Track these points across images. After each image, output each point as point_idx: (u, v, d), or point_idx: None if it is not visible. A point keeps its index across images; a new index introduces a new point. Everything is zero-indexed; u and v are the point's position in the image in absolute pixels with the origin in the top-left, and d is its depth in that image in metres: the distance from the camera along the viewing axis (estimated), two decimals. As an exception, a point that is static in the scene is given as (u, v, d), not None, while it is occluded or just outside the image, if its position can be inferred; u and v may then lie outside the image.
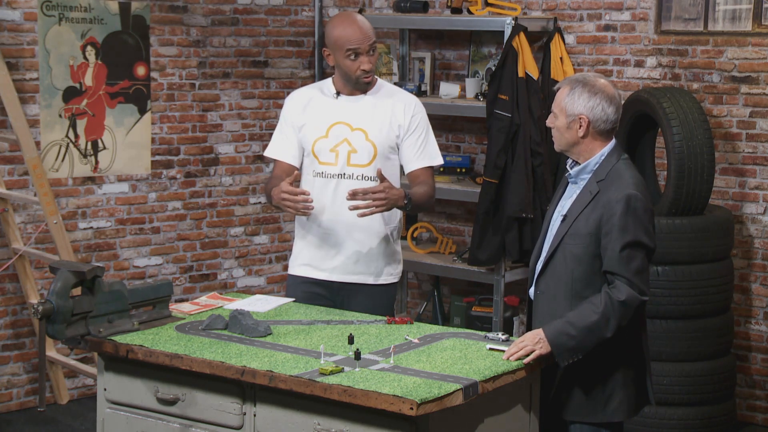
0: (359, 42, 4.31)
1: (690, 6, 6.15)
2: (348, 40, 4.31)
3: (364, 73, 4.36)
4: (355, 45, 4.31)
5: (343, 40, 4.32)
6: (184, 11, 6.56)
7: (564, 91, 3.85)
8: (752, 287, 6.07)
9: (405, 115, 4.45)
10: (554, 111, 3.87)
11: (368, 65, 4.34)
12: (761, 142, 5.99)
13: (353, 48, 4.31)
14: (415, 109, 4.48)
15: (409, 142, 4.46)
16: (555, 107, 3.87)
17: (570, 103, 3.82)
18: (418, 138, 4.47)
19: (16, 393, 6.11)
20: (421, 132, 4.48)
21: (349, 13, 4.45)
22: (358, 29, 4.32)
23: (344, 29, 4.33)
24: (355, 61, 4.34)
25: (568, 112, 3.82)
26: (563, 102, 3.83)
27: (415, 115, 4.47)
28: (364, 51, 4.32)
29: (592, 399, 3.81)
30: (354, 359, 3.53)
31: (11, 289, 6.06)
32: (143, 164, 6.46)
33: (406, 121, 4.45)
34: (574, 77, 3.88)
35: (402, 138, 4.46)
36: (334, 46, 4.36)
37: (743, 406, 6.09)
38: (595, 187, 3.80)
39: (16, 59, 5.95)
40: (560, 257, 3.82)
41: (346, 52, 4.33)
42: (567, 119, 3.83)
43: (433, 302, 7.00)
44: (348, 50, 4.32)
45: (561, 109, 3.84)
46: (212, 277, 6.81)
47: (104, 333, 3.76)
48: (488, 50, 6.90)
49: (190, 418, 3.68)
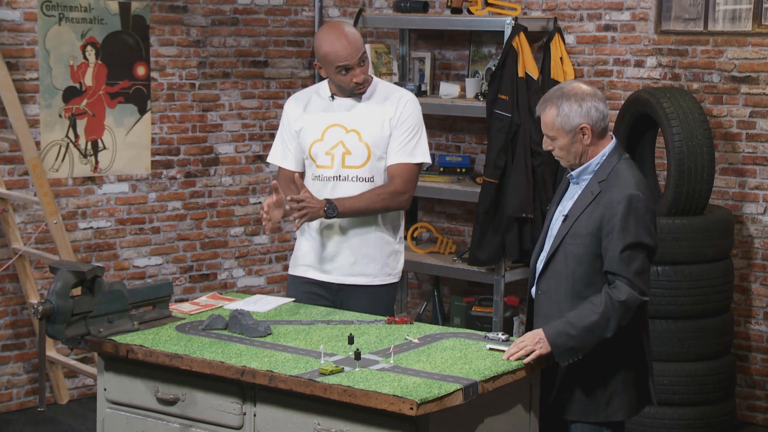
0: (348, 58, 4.28)
1: (690, 6, 6.15)
2: (337, 56, 4.28)
3: (357, 86, 4.35)
4: (345, 62, 4.28)
5: (332, 56, 4.29)
6: (184, 11, 6.56)
7: (551, 113, 3.80)
8: (752, 287, 6.06)
9: (395, 109, 4.39)
10: (548, 135, 3.83)
11: (360, 77, 4.33)
12: (761, 142, 5.99)
13: (343, 65, 4.29)
14: (407, 104, 4.42)
15: (394, 134, 4.39)
16: (548, 131, 3.82)
17: (564, 120, 3.78)
18: (404, 132, 4.40)
19: (16, 393, 6.11)
20: (408, 126, 4.40)
21: (335, 26, 4.38)
22: (346, 44, 4.28)
23: (332, 45, 4.28)
24: (347, 76, 4.32)
25: (567, 129, 3.79)
26: (557, 123, 3.79)
27: (405, 108, 4.40)
28: (354, 65, 4.30)
29: (594, 399, 3.81)
30: (354, 359, 3.53)
31: (11, 289, 6.06)
32: (143, 164, 6.46)
33: (395, 115, 4.39)
34: (549, 96, 3.82)
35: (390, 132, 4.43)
36: (324, 62, 4.34)
37: (743, 406, 6.08)
38: (596, 188, 3.79)
39: (16, 59, 5.95)
40: (561, 257, 3.82)
41: (336, 69, 4.30)
42: (569, 135, 3.80)
43: (433, 302, 7.00)
44: (338, 67, 4.30)
45: (558, 130, 3.80)
46: (212, 277, 6.81)
47: (104, 333, 3.76)
48: (488, 50, 6.90)
49: (190, 418, 3.68)
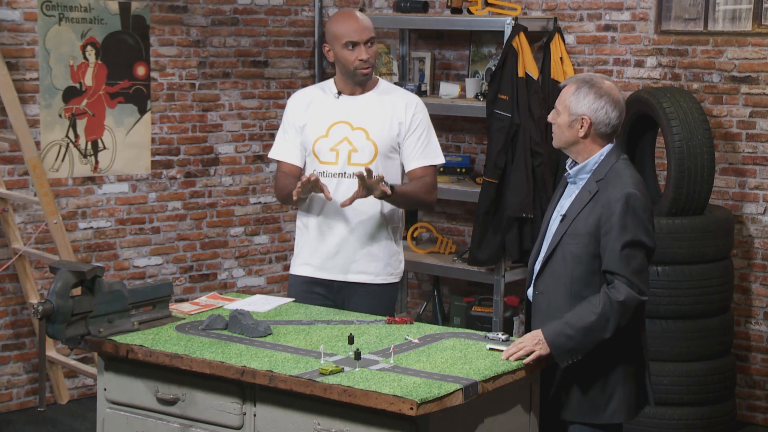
0: (357, 33, 4.37)
1: (690, 6, 6.15)
2: (346, 32, 4.38)
3: (361, 63, 4.39)
4: (354, 37, 4.37)
5: (341, 32, 4.39)
6: (184, 11, 6.56)
7: (570, 89, 3.83)
8: (752, 287, 6.06)
9: (406, 114, 4.46)
10: (557, 107, 3.86)
11: (365, 55, 4.39)
12: (761, 142, 5.99)
13: (351, 40, 4.37)
14: (417, 108, 4.49)
15: (410, 140, 4.47)
16: (559, 104, 3.86)
17: (574, 102, 3.80)
18: (420, 137, 4.47)
19: (16, 393, 6.11)
20: (422, 131, 4.48)
21: (349, 10, 4.55)
22: (356, 22, 4.40)
23: (343, 23, 4.41)
24: (353, 52, 4.39)
25: (571, 111, 3.81)
26: (567, 100, 3.82)
27: (416, 114, 4.48)
28: (362, 42, 4.38)
29: (592, 400, 3.80)
30: (354, 359, 3.53)
31: (11, 289, 6.06)
32: (143, 164, 6.46)
33: (407, 120, 4.46)
34: (581, 76, 3.86)
35: (403, 137, 4.46)
36: (332, 40, 4.42)
37: (743, 406, 6.08)
38: (594, 187, 3.79)
39: (16, 59, 5.95)
40: (559, 257, 3.81)
41: (344, 44, 4.38)
42: (570, 118, 3.82)
43: (433, 302, 7.00)
44: (346, 42, 4.38)
45: (564, 107, 3.83)
46: (212, 277, 6.80)
47: (104, 333, 3.76)
48: (488, 50, 6.90)
49: (190, 418, 3.68)
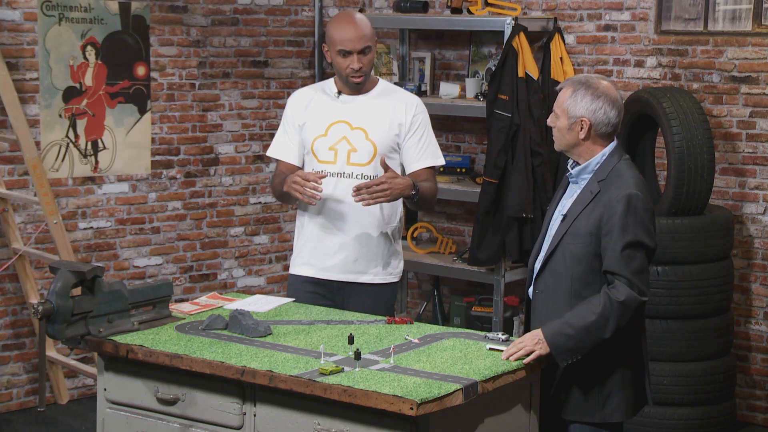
0: (351, 43, 4.36)
1: (690, 6, 6.15)
2: (341, 39, 4.37)
3: (353, 72, 4.40)
4: (347, 47, 4.36)
5: (337, 38, 4.38)
6: (184, 11, 6.56)
7: (566, 92, 3.83)
8: (752, 287, 6.06)
9: (406, 115, 4.46)
10: (556, 111, 3.86)
11: (357, 65, 4.38)
12: (761, 142, 5.99)
13: (344, 48, 4.37)
14: (417, 109, 4.49)
15: (410, 142, 4.47)
16: (557, 107, 3.86)
17: (572, 104, 3.80)
18: (420, 138, 4.47)
19: (16, 393, 6.11)
20: (422, 132, 4.48)
21: (349, 13, 4.49)
22: (353, 30, 4.37)
23: (340, 29, 4.39)
24: (346, 60, 4.39)
25: (569, 114, 3.81)
26: (565, 103, 3.82)
27: (416, 115, 4.48)
28: (355, 51, 4.36)
29: (591, 399, 3.80)
30: (354, 359, 3.53)
31: (11, 289, 6.06)
32: (143, 164, 6.46)
33: (407, 121, 4.46)
34: (577, 78, 3.86)
35: (403, 138, 4.46)
36: (330, 43, 4.43)
37: (743, 406, 6.08)
38: (595, 187, 3.79)
39: (16, 59, 5.95)
40: (560, 257, 3.81)
41: (338, 51, 4.38)
42: (569, 121, 3.81)
43: (433, 302, 7.00)
44: (340, 50, 4.38)
45: (563, 110, 3.83)
46: (212, 277, 6.81)
47: (104, 333, 3.76)
48: (488, 50, 6.90)
49: (190, 418, 3.68)
